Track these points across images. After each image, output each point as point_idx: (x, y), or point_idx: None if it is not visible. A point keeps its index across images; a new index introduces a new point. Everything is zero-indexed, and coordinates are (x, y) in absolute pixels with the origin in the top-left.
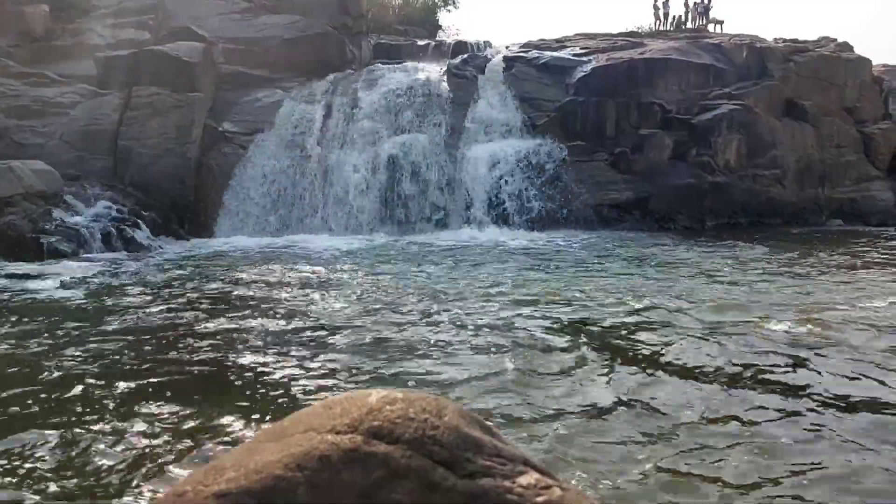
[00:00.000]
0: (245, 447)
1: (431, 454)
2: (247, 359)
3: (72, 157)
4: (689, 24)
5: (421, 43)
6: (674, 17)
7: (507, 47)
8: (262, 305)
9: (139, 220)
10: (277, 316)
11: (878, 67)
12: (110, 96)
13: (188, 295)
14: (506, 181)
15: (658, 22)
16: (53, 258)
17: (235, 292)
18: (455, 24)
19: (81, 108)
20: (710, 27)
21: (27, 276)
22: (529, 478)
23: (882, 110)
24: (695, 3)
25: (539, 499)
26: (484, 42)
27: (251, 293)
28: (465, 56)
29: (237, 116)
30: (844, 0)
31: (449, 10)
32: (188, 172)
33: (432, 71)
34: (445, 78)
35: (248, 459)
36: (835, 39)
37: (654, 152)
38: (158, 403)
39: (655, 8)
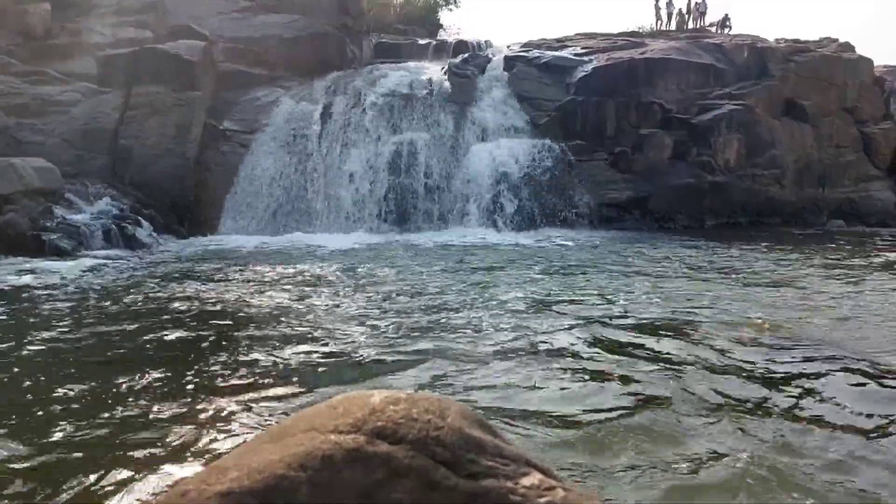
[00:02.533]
0: (248, 446)
1: (434, 455)
2: (249, 358)
3: (71, 156)
4: (689, 24)
5: (422, 42)
6: (679, 16)
7: (507, 47)
8: (264, 304)
9: (140, 218)
10: (279, 315)
11: (880, 68)
12: (110, 95)
13: (189, 293)
14: (506, 180)
15: (660, 21)
16: (54, 255)
17: (237, 291)
18: (456, 24)
19: (82, 107)
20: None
21: (28, 273)
22: (532, 479)
23: (883, 110)
24: (696, 3)
25: (542, 500)
26: (485, 41)
27: (252, 291)
28: (466, 55)
29: (237, 115)
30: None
31: (450, 10)
32: (187, 171)
33: (433, 70)
34: (446, 77)
35: (250, 459)
36: (836, 40)
37: (654, 152)
38: (158, 403)
39: (657, 8)
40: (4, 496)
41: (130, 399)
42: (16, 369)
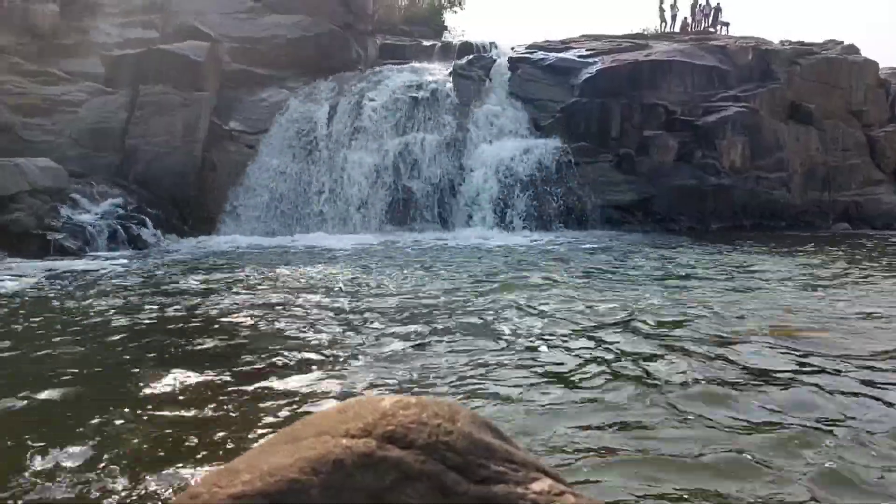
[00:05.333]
0: (259, 450)
1: (444, 459)
2: (258, 360)
3: (78, 155)
4: (694, 27)
5: (427, 43)
6: (684, 18)
7: (512, 48)
8: (272, 306)
9: (145, 218)
10: (287, 317)
11: (885, 71)
12: (117, 95)
13: (195, 295)
14: (510, 182)
15: (664, 23)
16: (60, 255)
17: (243, 293)
18: (460, 25)
19: (88, 106)
20: (719, 29)
21: (33, 273)
22: (542, 484)
23: (888, 113)
24: (700, 6)
25: None
26: (490, 43)
27: (259, 294)
28: (471, 57)
29: (242, 115)
30: (856, 2)
31: (455, 11)
32: (193, 171)
33: (438, 71)
34: (451, 78)
35: (262, 462)
36: (841, 42)
37: (658, 154)
38: (166, 406)
39: (661, 10)
40: (14, 495)
41: (138, 401)
42: (22, 370)
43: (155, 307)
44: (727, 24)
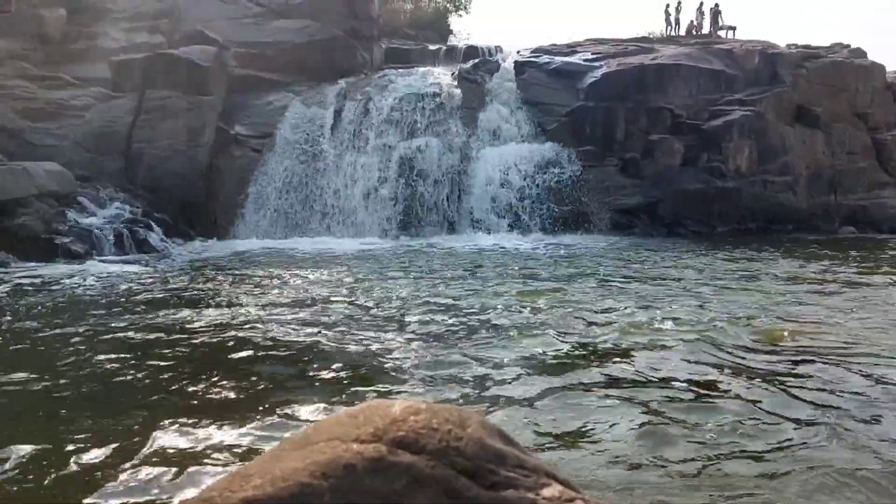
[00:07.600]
0: (270, 454)
1: (454, 465)
2: (267, 366)
3: (85, 159)
4: (701, 30)
5: (432, 48)
6: (690, 21)
7: (517, 52)
8: (280, 310)
9: (151, 222)
10: (296, 322)
11: (892, 74)
12: (124, 99)
13: (204, 300)
14: (516, 186)
15: (669, 27)
16: (67, 259)
17: (251, 297)
18: (465, 29)
19: (95, 111)
20: (721, 33)
21: (38, 278)
22: (553, 490)
23: (895, 116)
24: (710, 9)
25: None
26: (495, 47)
27: (267, 297)
28: (477, 61)
29: (248, 119)
30: (862, 5)
31: (460, 15)
32: (199, 175)
33: (443, 75)
34: (456, 82)
35: (273, 466)
36: (848, 45)
37: (664, 157)
38: (178, 411)
39: (667, 14)
40: (30, 498)
41: (147, 404)
42: (29, 377)
43: (162, 312)
44: (733, 28)
